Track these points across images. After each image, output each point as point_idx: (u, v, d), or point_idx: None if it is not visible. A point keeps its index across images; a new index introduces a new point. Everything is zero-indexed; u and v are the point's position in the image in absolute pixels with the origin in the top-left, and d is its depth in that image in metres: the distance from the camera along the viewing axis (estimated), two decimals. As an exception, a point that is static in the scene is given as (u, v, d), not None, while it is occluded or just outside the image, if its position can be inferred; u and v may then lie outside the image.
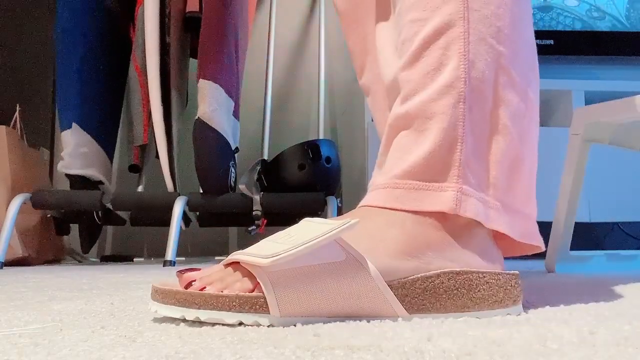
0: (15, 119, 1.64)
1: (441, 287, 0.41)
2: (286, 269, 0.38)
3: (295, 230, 0.41)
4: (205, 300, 0.37)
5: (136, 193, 1.55)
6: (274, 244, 0.39)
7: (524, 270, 1.03)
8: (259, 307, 0.37)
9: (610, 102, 0.89)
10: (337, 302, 0.38)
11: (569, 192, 0.97)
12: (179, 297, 0.38)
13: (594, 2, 1.90)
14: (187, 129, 1.47)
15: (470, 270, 0.42)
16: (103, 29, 1.56)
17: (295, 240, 0.39)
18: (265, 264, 0.37)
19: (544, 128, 1.76)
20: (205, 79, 1.39)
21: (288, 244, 0.38)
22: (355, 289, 0.39)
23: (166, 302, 0.38)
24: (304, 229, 0.40)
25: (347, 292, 0.39)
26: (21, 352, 0.29)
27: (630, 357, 0.26)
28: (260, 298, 0.37)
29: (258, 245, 0.41)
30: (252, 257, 0.38)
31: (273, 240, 0.40)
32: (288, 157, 1.51)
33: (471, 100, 0.45)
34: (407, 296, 0.40)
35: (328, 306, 0.38)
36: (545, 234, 1.05)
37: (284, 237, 0.40)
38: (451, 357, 0.26)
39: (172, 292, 0.38)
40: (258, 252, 0.39)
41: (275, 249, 0.38)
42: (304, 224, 0.42)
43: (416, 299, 0.40)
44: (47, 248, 1.55)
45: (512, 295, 0.43)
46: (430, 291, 0.41)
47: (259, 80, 1.87)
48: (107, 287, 0.70)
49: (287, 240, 0.39)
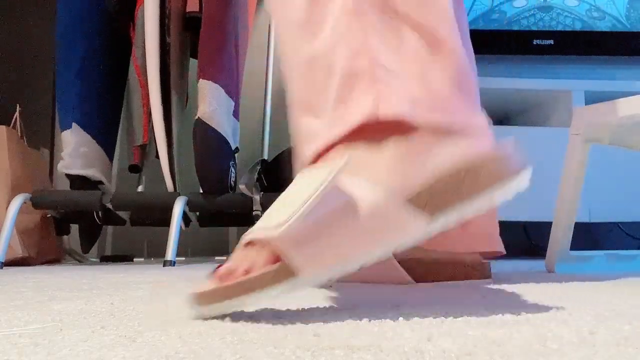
0: (15, 119, 1.64)
1: (458, 177, 0.40)
2: (301, 229, 0.37)
3: (295, 188, 0.41)
4: (242, 287, 0.37)
5: (136, 193, 1.55)
6: (281, 209, 0.39)
7: (524, 271, 1.03)
8: (289, 272, 0.37)
9: (610, 102, 0.89)
10: (361, 239, 0.38)
11: (569, 192, 0.97)
12: (219, 294, 0.38)
13: (594, 2, 1.90)
14: (187, 129, 1.47)
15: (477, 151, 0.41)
16: (103, 29, 1.56)
17: (299, 198, 0.38)
18: (276, 235, 0.37)
19: (544, 128, 1.77)
20: (205, 79, 1.39)
21: (293, 205, 0.38)
22: (373, 220, 0.38)
23: (209, 303, 0.39)
24: (302, 185, 0.40)
25: (368, 225, 0.38)
26: (21, 352, 0.29)
27: (630, 357, 0.26)
28: (284, 266, 0.37)
29: (268, 213, 0.41)
30: (262, 232, 0.38)
31: (281, 203, 0.40)
32: (288, 157, 1.51)
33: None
34: (432, 197, 0.39)
35: (354, 249, 0.38)
36: (545, 234, 1.05)
37: (288, 197, 0.40)
38: (451, 357, 0.26)
39: (208, 293, 0.39)
40: (267, 224, 0.38)
41: (282, 215, 0.38)
42: (300, 180, 0.42)
43: (439, 197, 0.39)
44: (47, 248, 1.55)
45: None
46: (451, 183, 0.40)
47: (259, 80, 1.87)
48: (107, 287, 0.70)
49: (291, 201, 0.39)
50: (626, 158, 1.67)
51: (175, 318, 0.41)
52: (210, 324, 0.37)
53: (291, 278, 0.37)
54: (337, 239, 0.38)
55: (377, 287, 0.65)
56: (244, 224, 1.52)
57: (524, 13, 1.90)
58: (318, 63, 0.46)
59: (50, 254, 1.58)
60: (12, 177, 1.47)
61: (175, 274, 0.99)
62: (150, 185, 1.64)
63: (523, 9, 1.90)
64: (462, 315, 0.40)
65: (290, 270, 0.37)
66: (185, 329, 0.36)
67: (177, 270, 1.11)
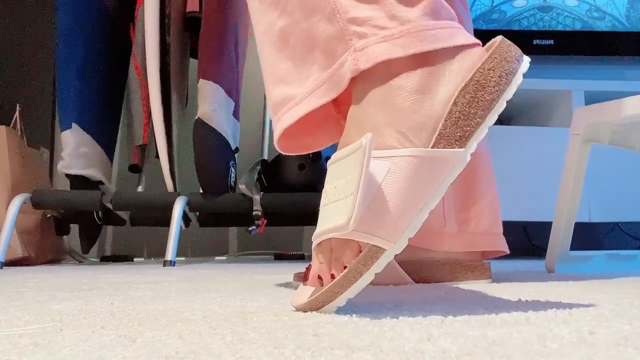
0: (15, 119, 1.64)
1: (482, 83, 0.42)
2: (365, 213, 0.40)
3: (335, 181, 0.43)
4: (346, 280, 0.41)
5: (136, 193, 1.55)
6: (335, 206, 0.42)
7: (524, 271, 1.03)
8: (375, 253, 0.40)
9: (610, 102, 0.89)
10: (417, 192, 0.41)
11: (569, 192, 0.97)
12: (325, 296, 0.41)
13: (594, 2, 1.91)
14: (187, 129, 1.47)
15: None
16: (103, 29, 1.56)
17: (348, 188, 0.40)
18: (350, 229, 0.39)
19: (544, 128, 1.77)
20: (205, 79, 1.39)
21: (344, 195, 0.41)
22: (417, 171, 0.41)
23: (324, 303, 0.41)
24: (341, 174, 0.42)
25: (416, 176, 0.41)
26: (21, 352, 0.29)
27: (630, 357, 0.26)
28: (372, 248, 0.40)
29: (324, 217, 0.43)
30: (335, 232, 0.41)
31: (332, 203, 0.43)
32: (288, 157, 1.51)
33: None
34: (458, 120, 0.41)
35: (415, 203, 0.41)
36: (545, 234, 1.05)
37: (335, 194, 0.42)
38: (451, 357, 0.26)
39: (315, 300, 0.42)
40: (334, 224, 0.41)
41: (342, 209, 0.40)
42: (335, 170, 0.44)
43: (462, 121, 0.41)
44: (47, 248, 1.55)
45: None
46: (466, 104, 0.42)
47: (259, 80, 1.87)
48: (107, 287, 0.71)
49: (338, 194, 0.42)
50: (626, 158, 1.67)
51: (175, 318, 0.41)
52: (210, 324, 0.37)
53: (380, 254, 0.40)
54: (398, 203, 0.41)
55: (377, 287, 0.65)
56: (243, 224, 1.52)
57: (524, 13, 1.90)
58: (298, 40, 0.48)
59: (50, 254, 1.58)
60: (12, 177, 1.47)
61: (175, 274, 0.99)
62: (150, 185, 1.64)
63: (523, 9, 1.90)
64: (462, 315, 0.40)
65: (375, 250, 0.40)
66: (185, 329, 0.36)
67: (177, 270, 1.11)
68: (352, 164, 0.41)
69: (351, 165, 0.41)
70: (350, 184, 0.40)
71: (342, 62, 0.45)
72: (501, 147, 1.59)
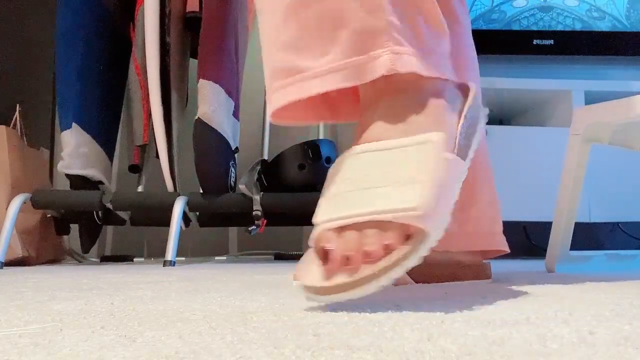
0: (15, 119, 1.64)
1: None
2: (432, 202, 0.42)
3: (369, 169, 0.45)
4: (395, 263, 0.40)
5: (136, 193, 1.55)
6: (374, 192, 0.43)
7: (524, 271, 1.03)
8: (423, 237, 0.41)
9: (610, 102, 0.89)
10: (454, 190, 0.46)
11: (569, 192, 0.97)
12: (367, 278, 0.40)
13: (594, 2, 1.90)
14: (187, 129, 1.47)
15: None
16: (103, 29, 1.56)
17: (401, 175, 0.43)
18: (420, 212, 0.41)
19: (544, 128, 1.77)
20: (205, 79, 1.39)
21: (398, 182, 0.43)
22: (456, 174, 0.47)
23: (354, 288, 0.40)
24: (383, 163, 0.45)
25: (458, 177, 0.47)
26: (21, 352, 0.29)
27: (630, 357, 0.26)
28: (417, 231, 0.41)
29: (351, 202, 0.43)
30: (398, 213, 0.41)
31: (365, 189, 0.44)
32: (288, 157, 1.51)
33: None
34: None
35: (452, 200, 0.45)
36: (545, 234, 1.05)
37: (370, 181, 0.44)
38: (451, 357, 0.26)
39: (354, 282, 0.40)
40: (395, 206, 0.42)
41: (395, 195, 0.42)
42: (370, 159, 0.46)
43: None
44: (47, 248, 1.55)
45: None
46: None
47: (259, 80, 1.87)
48: (107, 287, 0.71)
49: (378, 182, 0.43)
50: (626, 158, 1.67)
51: (175, 318, 0.41)
52: (210, 324, 0.37)
53: (426, 239, 0.42)
54: (446, 197, 0.44)
55: (377, 287, 0.65)
56: (243, 224, 1.52)
57: (524, 13, 1.90)
58: (322, 11, 0.49)
59: (50, 254, 1.58)
60: (12, 177, 1.47)
61: (175, 274, 0.99)
62: (150, 185, 1.64)
63: (523, 9, 1.90)
64: (462, 315, 0.40)
65: (423, 235, 0.42)
66: (185, 329, 0.36)
67: (177, 270, 1.11)
68: (414, 155, 0.44)
69: (411, 157, 0.44)
70: (413, 172, 0.43)
71: (375, 56, 0.46)
72: (501, 147, 1.59)
